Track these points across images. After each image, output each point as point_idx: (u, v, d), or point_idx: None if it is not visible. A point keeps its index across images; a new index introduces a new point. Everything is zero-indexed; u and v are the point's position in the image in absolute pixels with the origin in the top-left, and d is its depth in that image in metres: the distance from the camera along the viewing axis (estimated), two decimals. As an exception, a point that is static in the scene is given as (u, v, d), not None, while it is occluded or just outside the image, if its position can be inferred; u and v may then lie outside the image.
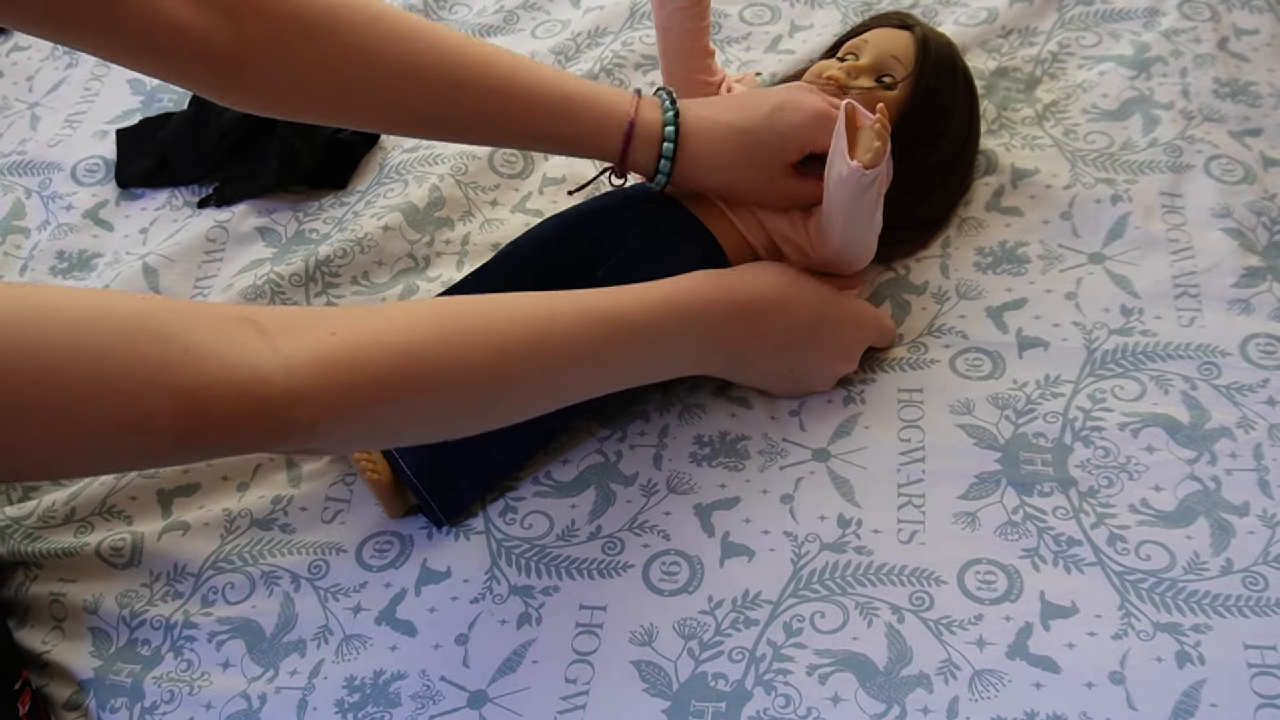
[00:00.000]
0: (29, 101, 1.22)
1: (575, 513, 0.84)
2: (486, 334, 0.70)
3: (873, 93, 0.90)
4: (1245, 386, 0.84)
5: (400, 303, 0.77)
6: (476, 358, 0.69)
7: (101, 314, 0.58)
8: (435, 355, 0.67)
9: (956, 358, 0.89)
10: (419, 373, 0.67)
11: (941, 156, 0.94)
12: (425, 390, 0.67)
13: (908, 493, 0.82)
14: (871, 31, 0.95)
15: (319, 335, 0.63)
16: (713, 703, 0.74)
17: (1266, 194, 0.95)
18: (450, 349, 0.68)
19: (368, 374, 0.64)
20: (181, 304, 0.64)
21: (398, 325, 0.67)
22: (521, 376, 0.72)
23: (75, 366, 0.56)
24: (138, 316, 0.59)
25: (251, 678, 0.79)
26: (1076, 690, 0.72)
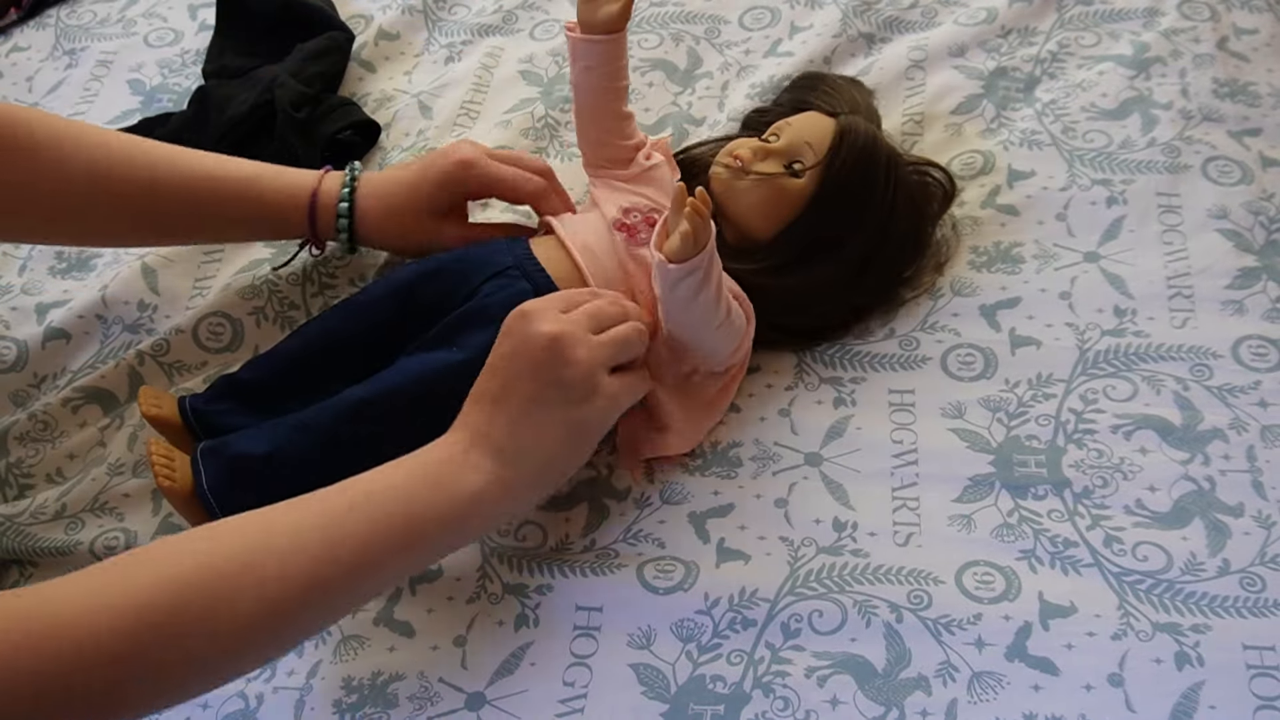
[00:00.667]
0: (29, 102, 1.22)
1: (569, 526, 0.84)
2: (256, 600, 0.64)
3: (774, 179, 0.86)
4: (1237, 388, 0.84)
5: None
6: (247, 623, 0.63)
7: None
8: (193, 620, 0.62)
9: (948, 355, 0.89)
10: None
11: (858, 249, 0.88)
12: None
13: (902, 495, 0.82)
14: (801, 115, 0.91)
15: None
16: (711, 705, 0.74)
17: (1264, 194, 0.95)
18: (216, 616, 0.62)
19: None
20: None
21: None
22: (315, 608, 0.67)
23: None
24: None
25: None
26: (1075, 692, 0.72)
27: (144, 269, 1.01)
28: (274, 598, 0.64)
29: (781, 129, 0.89)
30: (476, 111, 1.12)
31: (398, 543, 0.69)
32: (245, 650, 0.65)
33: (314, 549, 0.66)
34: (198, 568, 0.63)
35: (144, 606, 0.60)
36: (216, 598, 0.62)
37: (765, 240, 0.88)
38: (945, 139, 1.03)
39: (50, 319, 0.99)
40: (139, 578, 0.62)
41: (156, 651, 0.60)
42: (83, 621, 0.59)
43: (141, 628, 0.60)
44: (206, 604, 0.62)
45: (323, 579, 0.66)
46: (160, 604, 0.61)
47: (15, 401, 0.96)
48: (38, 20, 1.31)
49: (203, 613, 0.62)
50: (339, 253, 1.00)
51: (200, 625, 0.62)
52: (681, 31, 1.16)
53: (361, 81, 1.18)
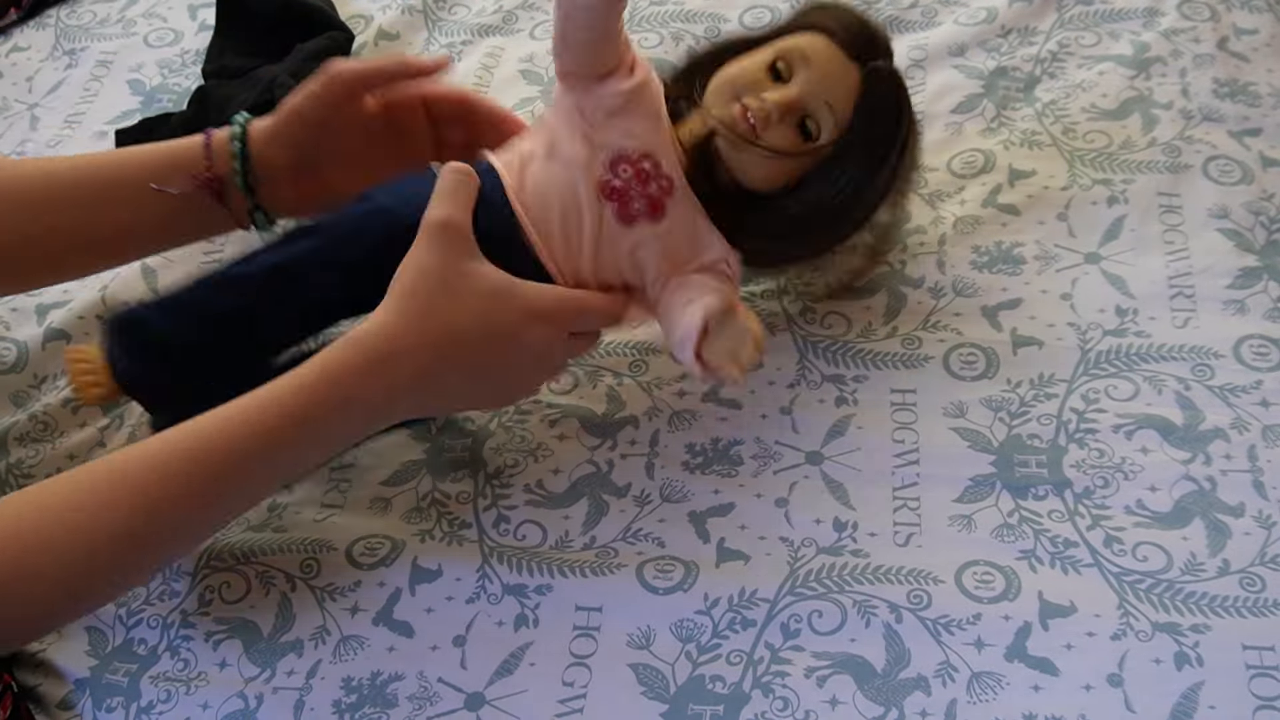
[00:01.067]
0: (29, 102, 1.22)
1: (569, 523, 0.84)
2: (130, 494, 0.69)
3: (786, 155, 0.78)
4: (1239, 388, 0.84)
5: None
6: (125, 520, 0.68)
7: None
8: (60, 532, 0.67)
9: (950, 354, 0.89)
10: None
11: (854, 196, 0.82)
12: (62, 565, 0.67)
13: (903, 495, 0.82)
14: (814, 43, 0.80)
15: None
16: (710, 705, 0.74)
17: (1265, 194, 0.95)
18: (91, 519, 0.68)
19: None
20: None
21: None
22: (179, 521, 0.71)
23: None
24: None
25: (249, 678, 0.79)
26: (1075, 693, 0.72)
27: (144, 269, 1.01)
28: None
29: (794, 61, 0.79)
30: (476, 112, 1.12)
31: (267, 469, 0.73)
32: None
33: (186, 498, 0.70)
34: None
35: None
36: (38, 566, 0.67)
37: (759, 189, 0.81)
38: (945, 138, 1.03)
39: (50, 319, 1.00)
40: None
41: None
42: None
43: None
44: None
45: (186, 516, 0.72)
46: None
47: (15, 402, 0.96)
48: (38, 20, 1.32)
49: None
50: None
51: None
52: (681, 31, 1.16)
53: (361, 81, 1.17)
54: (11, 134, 1.19)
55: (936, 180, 1.00)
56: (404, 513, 0.86)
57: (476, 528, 0.84)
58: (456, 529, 0.84)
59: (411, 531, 0.84)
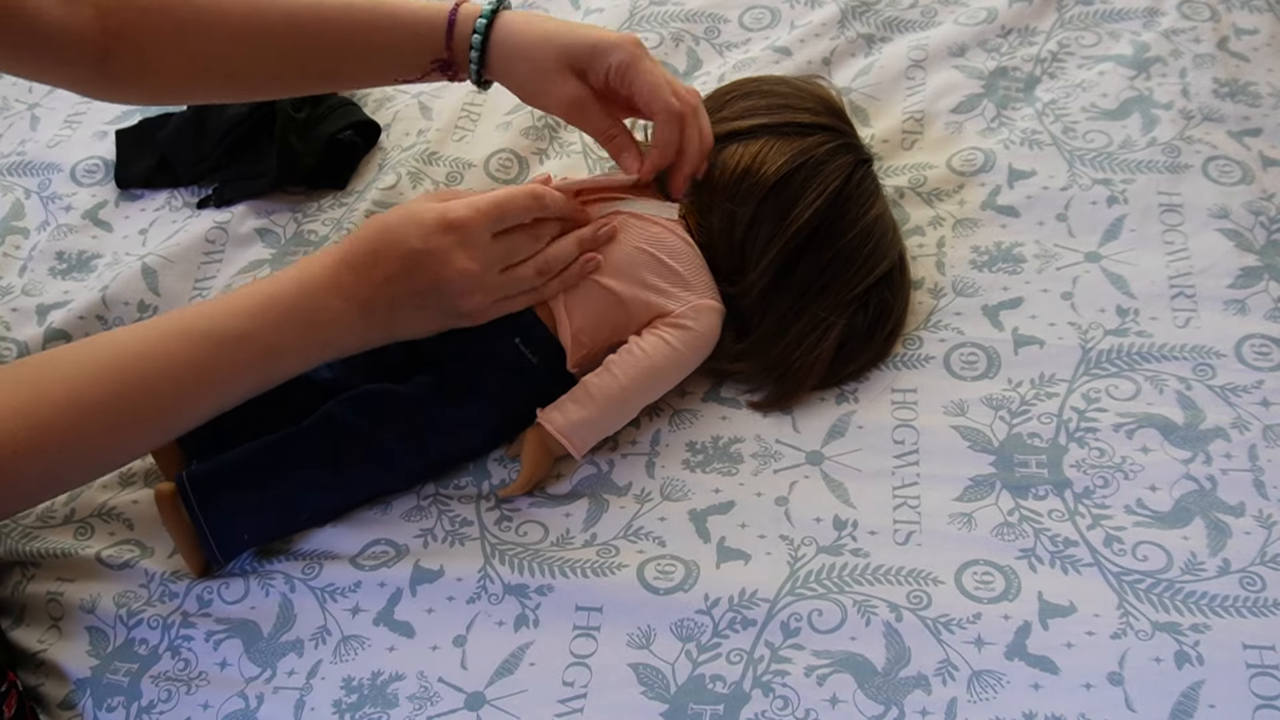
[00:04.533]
0: (29, 102, 1.22)
1: (570, 521, 0.84)
2: (64, 395, 0.72)
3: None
4: (1240, 387, 0.84)
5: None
6: (51, 424, 0.71)
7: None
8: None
9: (951, 353, 0.89)
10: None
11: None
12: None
13: (903, 494, 0.82)
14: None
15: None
16: (711, 705, 0.74)
17: (1265, 193, 0.95)
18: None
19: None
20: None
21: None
22: (111, 427, 0.74)
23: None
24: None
25: (249, 678, 0.79)
26: (1075, 691, 0.72)
27: (144, 269, 1.01)
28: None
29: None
30: (477, 113, 1.12)
31: (252, 372, 0.78)
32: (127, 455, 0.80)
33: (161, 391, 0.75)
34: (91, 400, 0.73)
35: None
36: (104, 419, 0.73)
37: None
38: (945, 138, 1.03)
39: (51, 320, 1.00)
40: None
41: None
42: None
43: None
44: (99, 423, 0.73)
45: (180, 405, 0.76)
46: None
47: (15, 402, 0.96)
48: (38, 21, 1.31)
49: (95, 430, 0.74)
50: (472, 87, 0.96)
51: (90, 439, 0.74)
52: (681, 31, 1.16)
53: (362, 82, 1.18)
54: (11, 134, 1.19)
55: (936, 178, 1.00)
56: (404, 511, 0.86)
57: (478, 525, 0.84)
58: (458, 527, 0.84)
59: (413, 532, 0.84)
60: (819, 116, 0.91)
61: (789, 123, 0.90)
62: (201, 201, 1.08)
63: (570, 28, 0.87)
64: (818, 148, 0.89)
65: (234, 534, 0.82)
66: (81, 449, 0.73)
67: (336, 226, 1.03)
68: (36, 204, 1.11)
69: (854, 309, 0.88)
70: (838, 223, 0.88)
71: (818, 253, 0.87)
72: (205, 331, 0.76)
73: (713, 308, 0.88)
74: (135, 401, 0.74)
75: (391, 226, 0.80)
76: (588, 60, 0.86)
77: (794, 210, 0.87)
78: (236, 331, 0.76)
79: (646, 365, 0.85)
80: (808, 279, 0.87)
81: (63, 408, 0.71)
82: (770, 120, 0.90)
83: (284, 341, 0.78)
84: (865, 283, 0.88)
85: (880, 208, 0.91)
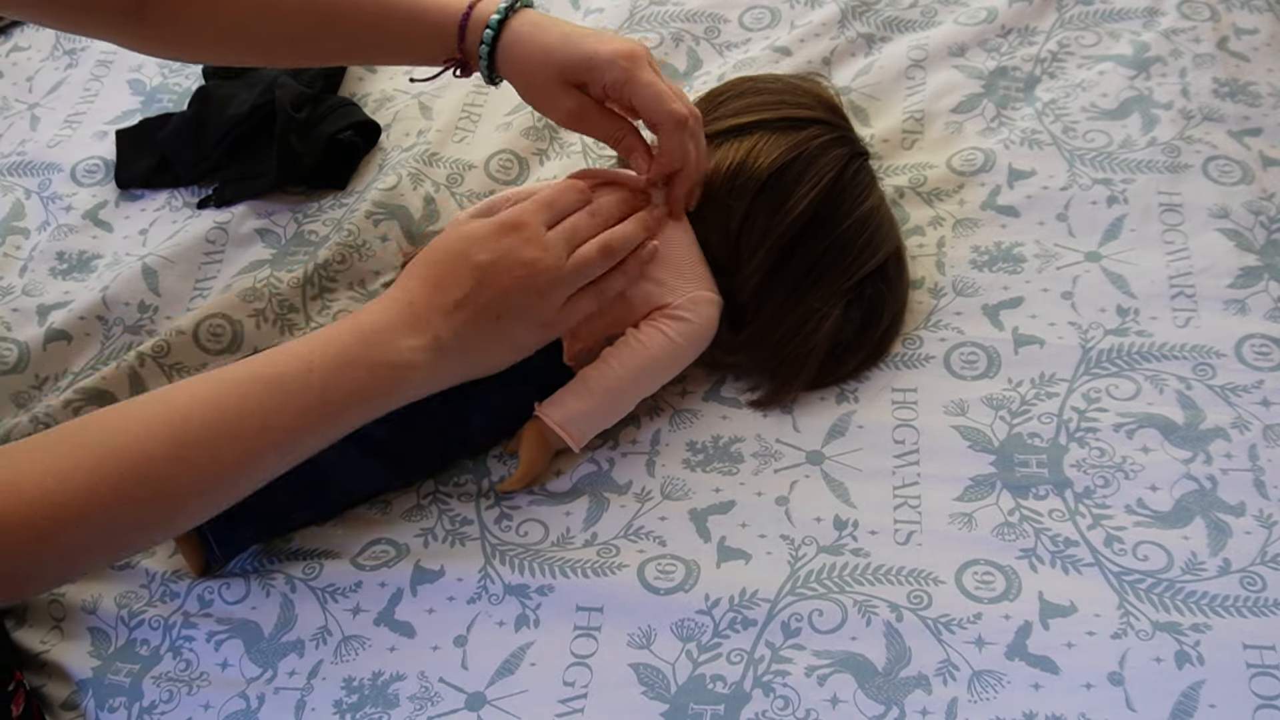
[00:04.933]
0: (29, 102, 1.22)
1: (570, 520, 0.84)
2: (131, 462, 0.68)
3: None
4: (1240, 387, 0.84)
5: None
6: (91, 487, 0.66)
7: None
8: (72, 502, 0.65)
9: (951, 353, 0.89)
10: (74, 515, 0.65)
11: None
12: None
13: (903, 494, 0.82)
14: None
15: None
16: (711, 705, 0.74)
17: (1265, 193, 0.95)
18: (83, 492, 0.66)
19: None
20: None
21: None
22: (190, 480, 0.69)
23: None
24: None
25: (250, 678, 0.79)
26: (1075, 691, 0.72)
27: (144, 270, 1.01)
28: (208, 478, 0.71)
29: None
30: (478, 114, 1.12)
31: (313, 420, 0.74)
32: (185, 521, 0.74)
33: (233, 433, 0.71)
34: (144, 457, 0.68)
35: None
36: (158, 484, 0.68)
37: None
38: (945, 137, 1.03)
39: (51, 320, 1.00)
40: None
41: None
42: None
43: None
44: (152, 489, 0.68)
45: (243, 460, 0.71)
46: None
47: (17, 403, 0.96)
48: (38, 21, 1.32)
49: (148, 497, 0.68)
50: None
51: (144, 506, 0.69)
52: (681, 31, 1.16)
53: (362, 81, 1.18)
54: (11, 134, 1.19)
55: (936, 178, 1.00)
56: (404, 511, 0.86)
57: (478, 524, 0.84)
58: (458, 526, 0.84)
59: (413, 532, 0.84)
60: (814, 111, 0.91)
61: (783, 117, 0.90)
62: (201, 202, 1.08)
63: (569, 41, 0.86)
64: (812, 140, 0.89)
65: (234, 533, 0.82)
66: (126, 513, 0.68)
67: (337, 226, 1.03)
68: (37, 204, 1.11)
69: (849, 300, 0.88)
70: (832, 214, 0.88)
71: (812, 244, 0.88)
72: (265, 378, 0.72)
73: (710, 299, 0.88)
74: (190, 460, 0.69)
75: (449, 250, 0.79)
76: (584, 76, 0.86)
77: (788, 202, 0.87)
78: (289, 377, 0.73)
79: (645, 357, 0.85)
80: (802, 270, 0.88)
81: (105, 470, 0.67)
82: (765, 116, 0.90)
83: (340, 390, 0.74)
84: (860, 273, 0.88)
85: (875, 200, 0.91)
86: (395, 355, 0.75)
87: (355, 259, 1.00)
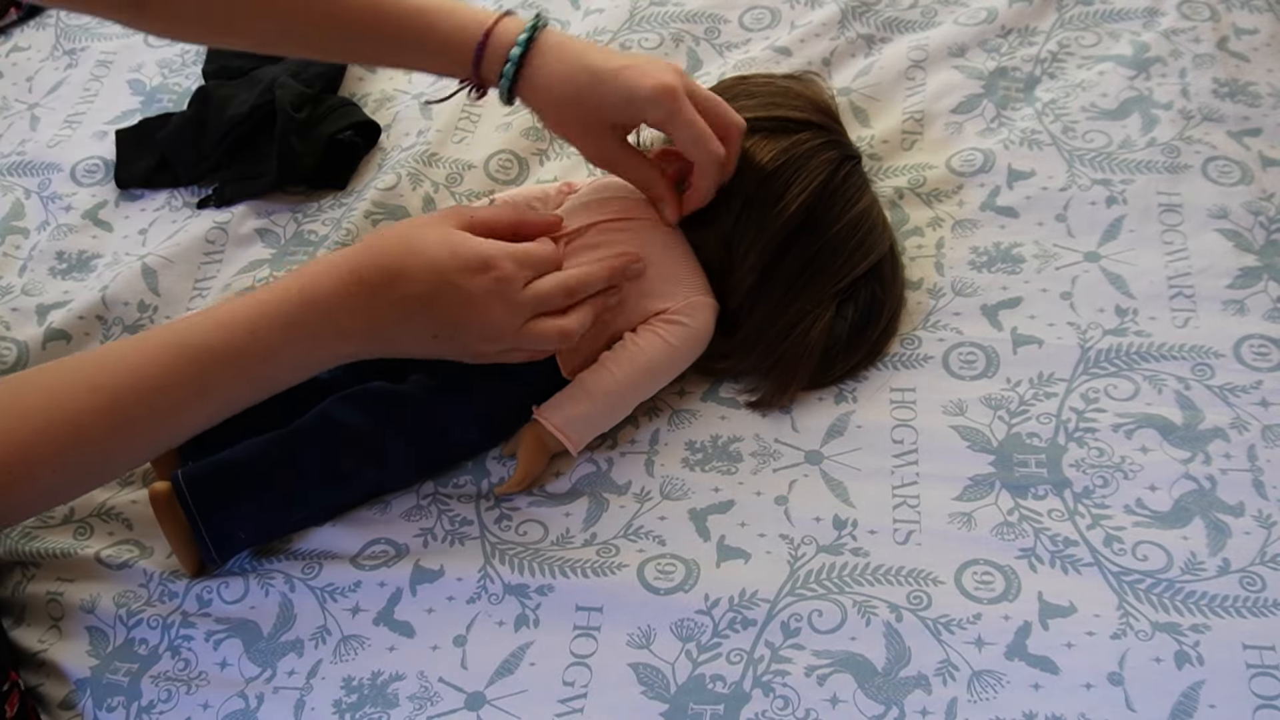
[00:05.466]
0: (29, 102, 1.22)
1: (569, 520, 0.84)
2: (59, 412, 0.71)
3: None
4: (1238, 388, 0.84)
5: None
6: (53, 438, 0.70)
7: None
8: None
9: (950, 353, 0.89)
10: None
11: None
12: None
13: (902, 494, 0.82)
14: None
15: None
16: (711, 705, 0.74)
17: (1264, 193, 0.95)
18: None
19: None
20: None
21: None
22: (106, 440, 0.72)
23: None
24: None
25: (249, 678, 0.79)
26: (1075, 691, 0.72)
27: (144, 270, 1.01)
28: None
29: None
30: (478, 114, 1.12)
31: (251, 384, 0.76)
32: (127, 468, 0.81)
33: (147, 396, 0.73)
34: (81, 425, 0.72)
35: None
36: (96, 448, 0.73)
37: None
38: (945, 138, 1.03)
39: (51, 320, 1.00)
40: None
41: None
42: None
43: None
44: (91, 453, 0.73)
45: (180, 426, 0.75)
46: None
47: (15, 402, 0.96)
48: (38, 20, 1.32)
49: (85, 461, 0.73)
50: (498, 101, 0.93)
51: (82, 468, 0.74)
52: (681, 31, 1.16)
53: (362, 81, 1.18)
54: (11, 134, 1.19)
55: (935, 179, 1.00)
56: (404, 511, 0.86)
57: (478, 524, 0.84)
58: (458, 526, 0.84)
59: (412, 531, 0.84)
60: (805, 113, 0.91)
61: (775, 120, 0.90)
62: (201, 201, 1.08)
63: (601, 80, 0.84)
64: (803, 144, 0.89)
65: (230, 533, 0.82)
66: (70, 466, 0.72)
67: (336, 226, 1.03)
68: (36, 204, 1.11)
69: (842, 302, 0.88)
70: (823, 217, 0.89)
71: (804, 246, 0.88)
72: (200, 345, 0.74)
73: (707, 304, 0.88)
74: (127, 417, 0.72)
75: (417, 247, 0.78)
76: (622, 118, 0.85)
77: (779, 205, 0.87)
78: (233, 346, 0.74)
79: (642, 362, 0.85)
80: (794, 272, 0.88)
81: (49, 426, 0.70)
82: (756, 117, 0.90)
83: (283, 356, 0.76)
84: (851, 275, 0.89)
85: (866, 203, 0.91)
86: (332, 329, 0.76)
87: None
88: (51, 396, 0.71)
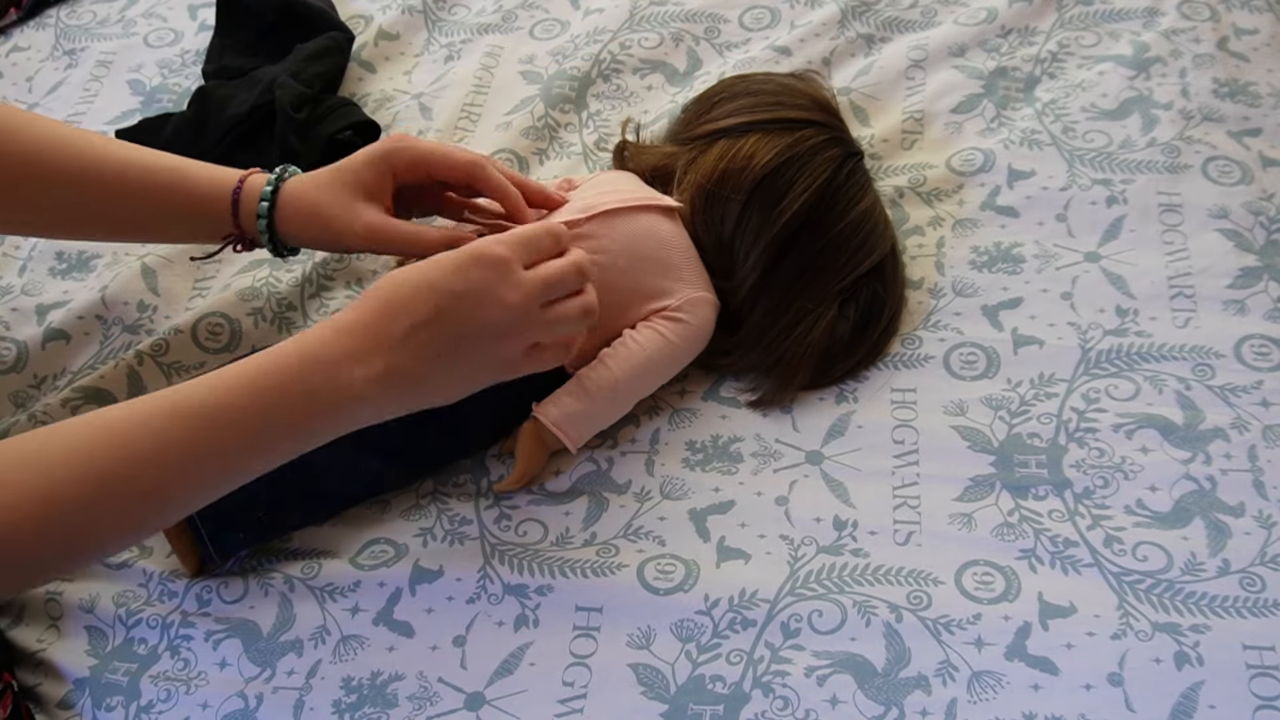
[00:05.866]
0: (29, 102, 1.22)
1: (569, 520, 0.84)
2: (28, 483, 0.64)
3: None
4: (1239, 388, 0.84)
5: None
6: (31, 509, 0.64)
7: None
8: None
9: (951, 353, 0.89)
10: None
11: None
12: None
13: (903, 494, 0.82)
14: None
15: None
16: (710, 705, 0.74)
17: (1264, 193, 0.95)
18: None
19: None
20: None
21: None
22: (83, 516, 0.66)
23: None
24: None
25: (248, 678, 0.79)
26: (1075, 692, 0.72)
27: (144, 269, 1.01)
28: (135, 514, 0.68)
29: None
30: (477, 113, 1.12)
31: (250, 452, 0.71)
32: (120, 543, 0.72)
33: (172, 464, 0.68)
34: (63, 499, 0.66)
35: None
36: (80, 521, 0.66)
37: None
38: (945, 138, 1.03)
39: (50, 320, 0.99)
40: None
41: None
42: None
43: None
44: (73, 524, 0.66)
45: (179, 488, 0.69)
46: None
47: (15, 402, 0.96)
48: (37, 20, 1.31)
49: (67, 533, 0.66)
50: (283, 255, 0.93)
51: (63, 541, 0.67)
52: (681, 31, 1.16)
53: (361, 82, 1.18)
54: (11, 134, 1.19)
55: (935, 178, 1.00)
56: (403, 510, 0.86)
57: (478, 524, 0.84)
58: (457, 526, 0.84)
59: (412, 531, 0.84)
60: (807, 112, 0.92)
61: (778, 119, 0.90)
62: (201, 201, 1.08)
63: (336, 171, 0.86)
64: (806, 142, 0.89)
65: (230, 533, 0.82)
66: (52, 541, 0.65)
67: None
68: (36, 204, 1.11)
69: (844, 301, 0.88)
70: (826, 215, 0.89)
71: (806, 245, 0.88)
72: (196, 410, 0.68)
73: (707, 300, 0.88)
74: (111, 490, 0.66)
75: (408, 276, 0.73)
76: (374, 176, 0.85)
77: (782, 203, 0.88)
78: (230, 410, 0.69)
79: (642, 358, 0.85)
80: (796, 270, 0.88)
81: (27, 497, 0.64)
82: (759, 117, 0.90)
83: (284, 422, 0.70)
84: (854, 274, 0.89)
85: (869, 201, 0.91)
86: (342, 387, 0.71)
87: (352, 258, 1.00)
88: (28, 464, 0.65)
